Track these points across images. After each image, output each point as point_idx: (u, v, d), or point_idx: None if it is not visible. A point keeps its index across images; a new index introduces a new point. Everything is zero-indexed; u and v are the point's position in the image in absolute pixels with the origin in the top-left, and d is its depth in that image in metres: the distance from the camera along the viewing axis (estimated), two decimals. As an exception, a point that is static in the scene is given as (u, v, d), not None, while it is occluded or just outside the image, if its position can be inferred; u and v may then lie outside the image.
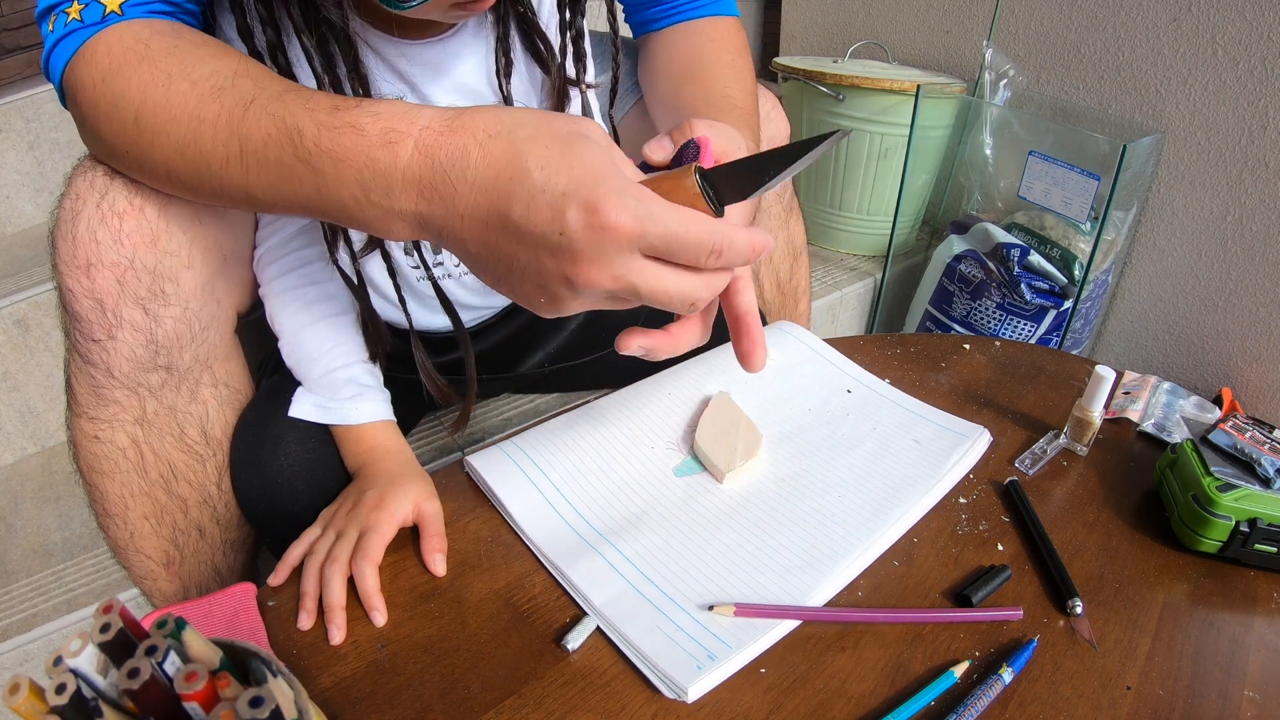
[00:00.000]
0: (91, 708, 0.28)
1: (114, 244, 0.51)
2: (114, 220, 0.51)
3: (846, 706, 0.43)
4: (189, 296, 0.56)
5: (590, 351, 0.85)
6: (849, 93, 1.29)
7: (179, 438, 0.60)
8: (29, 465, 1.04)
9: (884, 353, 0.72)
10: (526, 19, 0.61)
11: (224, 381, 0.62)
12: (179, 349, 0.57)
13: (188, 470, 0.61)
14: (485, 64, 0.62)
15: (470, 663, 0.46)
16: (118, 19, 0.49)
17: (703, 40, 0.71)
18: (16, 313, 0.99)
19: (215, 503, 0.64)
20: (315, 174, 0.43)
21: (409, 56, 0.58)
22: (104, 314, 0.53)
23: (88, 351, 0.54)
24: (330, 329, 0.62)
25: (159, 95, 0.46)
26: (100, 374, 0.55)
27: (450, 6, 0.49)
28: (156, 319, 0.54)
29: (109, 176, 0.52)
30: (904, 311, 1.42)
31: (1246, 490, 0.51)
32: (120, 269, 0.52)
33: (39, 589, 0.83)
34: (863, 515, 0.54)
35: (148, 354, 0.55)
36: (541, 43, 0.62)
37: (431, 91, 0.60)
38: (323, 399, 0.62)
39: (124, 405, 0.57)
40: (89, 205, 0.51)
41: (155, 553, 0.62)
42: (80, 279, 0.52)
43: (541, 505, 0.56)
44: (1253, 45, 1.05)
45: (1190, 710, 0.43)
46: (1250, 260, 1.13)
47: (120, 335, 0.54)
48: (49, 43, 0.50)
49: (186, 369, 0.58)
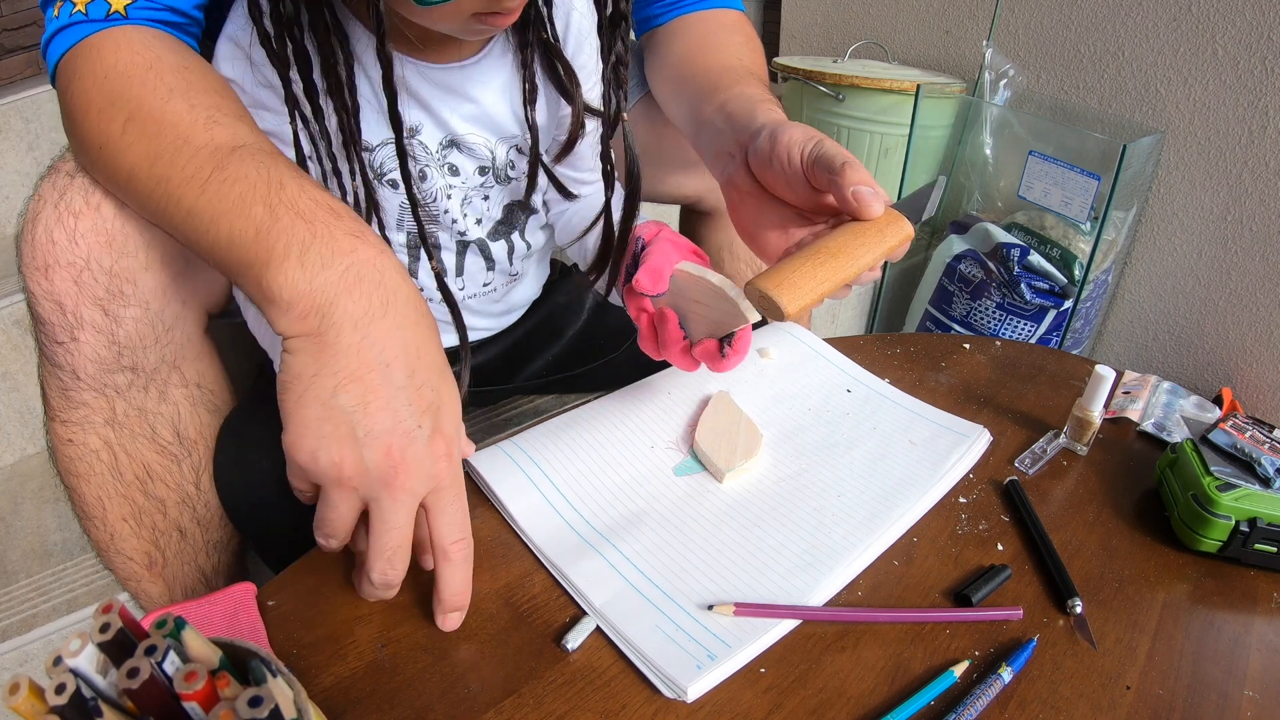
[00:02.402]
0: (91, 708, 0.28)
1: (69, 244, 0.51)
2: (70, 220, 0.51)
3: (846, 706, 0.43)
4: (149, 297, 0.55)
5: (588, 360, 0.85)
6: (849, 93, 1.29)
7: (151, 438, 0.60)
8: (29, 465, 1.04)
9: (884, 352, 0.72)
10: (550, 45, 0.60)
11: (195, 382, 0.61)
12: (143, 349, 0.56)
13: (163, 471, 0.61)
14: (508, 91, 0.61)
15: (470, 663, 0.46)
16: (122, 20, 0.49)
17: (713, 25, 0.71)
18: (16, 313, 0.99)
19: (194, 503, 0.63)
20: (270, 218, 0.44)
21: (428, 79, 0.58)
22: (64, 315, 0.53)
23: (53, 354, 0.54)
24: None
25: (155, 106, 0.47)
26: (67, 376, 0.55)
27: (470, 17, 0.49)
28: (116, 319, 0.54)
29: (69, 176, 0.52)
30: (904, 311, 1.42)
31: (1246, 490, 0.51)
32: (76, 269, 0.52)
33: (39, 589, 0.83)
34: (862, 515, 0.54)
35: (110, 355, 0.55)
36: (564, 70, 0.61)
37: (448, 117, 0.60)
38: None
39: (93, 407, 0.57)
40: (48, 206, 0.52)
41: (137, 554, 0.62)
42: (40, 280, 0.52)
43: (541, 505, 0.56)
44: (1253, 45, 1.05)
45: (1190, 710, 0.43)
46: (1250, 260, 1.13)
47: (82, 336, 0.54)
48: (51, 27, 0.51)
49: (154, 369, 0.58)
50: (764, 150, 0.52)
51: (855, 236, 0.48)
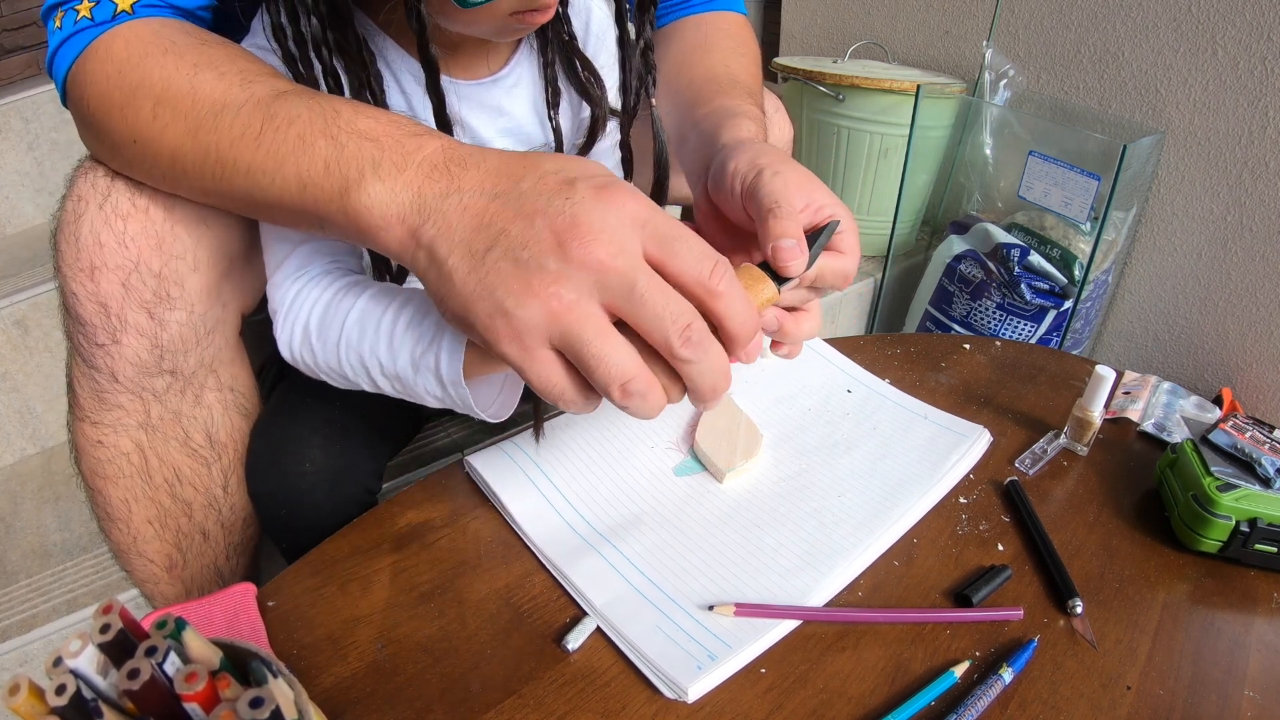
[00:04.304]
0: (91, 708, 0.28)
1: (118, 247, 0.51)
2: (118, 223, 0.51)
3: (846, 706, 0.43)
4: (194, 300, 0.55)
5: None
6: (849, 93, 1.29)
7: (184, 442, 0.60)
8: (29, 466, 1.04)
9: (884, 353, 0.72)
10: (572, 46, 0.59)
11: (229, 385, 0.61)
12: (184, 353, 0.56)
13: (192, 474, 0.61)
14: (535, 99, 0.61)
15: (470, 663, 0.46)
16: (129, 18, 0.48)
17: (709, 29, 0.71)
18: (16, 313, 0.99)
19: (221, 506, 0.63)
20: (334, 147, 0.42)
21: (463, 96, 0.58)
22: (108, 318, 0.52)
23: (91, 356, 0.54)
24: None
25: (183, 83, 0.46)
26: (104, 378, 0.54)
27: (508, 16, 0.48)
28: (162, 323, 0.54)
29: (111, 178, 0.51)
30: (904, 311, 1.42)
31: (1246, 490, 0.51)
32: (125, 273, 0.51)
33: (39, 590, 0.83)
34: (863, 515, 0.54)
35: (152, 358, 0.55)
36: (584, 69, 0.60)
37: (485, 132, 0.60)
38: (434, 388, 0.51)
39: (128, 410, 0.56)
40: (92, 207, 0.51)
41: (158, 556, 0.62)
42: (84, 283, 0.51)
43: (541, 505, 0.56)
44: (1253, 45, 1.05)
45: (1190, 710, 0.43)
46: (1250, 260, 1.13)
47: (125, 339, 0.53)
48: (55, 40, 0.50)
49: (191, 373, 0.58)
50: (716, 172, 0.50)
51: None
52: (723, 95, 0.61)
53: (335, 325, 0.49)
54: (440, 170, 0.41)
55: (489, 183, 0.40)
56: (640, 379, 0.37)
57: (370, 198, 0.41)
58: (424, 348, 0.46)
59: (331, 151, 0.42)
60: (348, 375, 0.50)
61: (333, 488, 0.61)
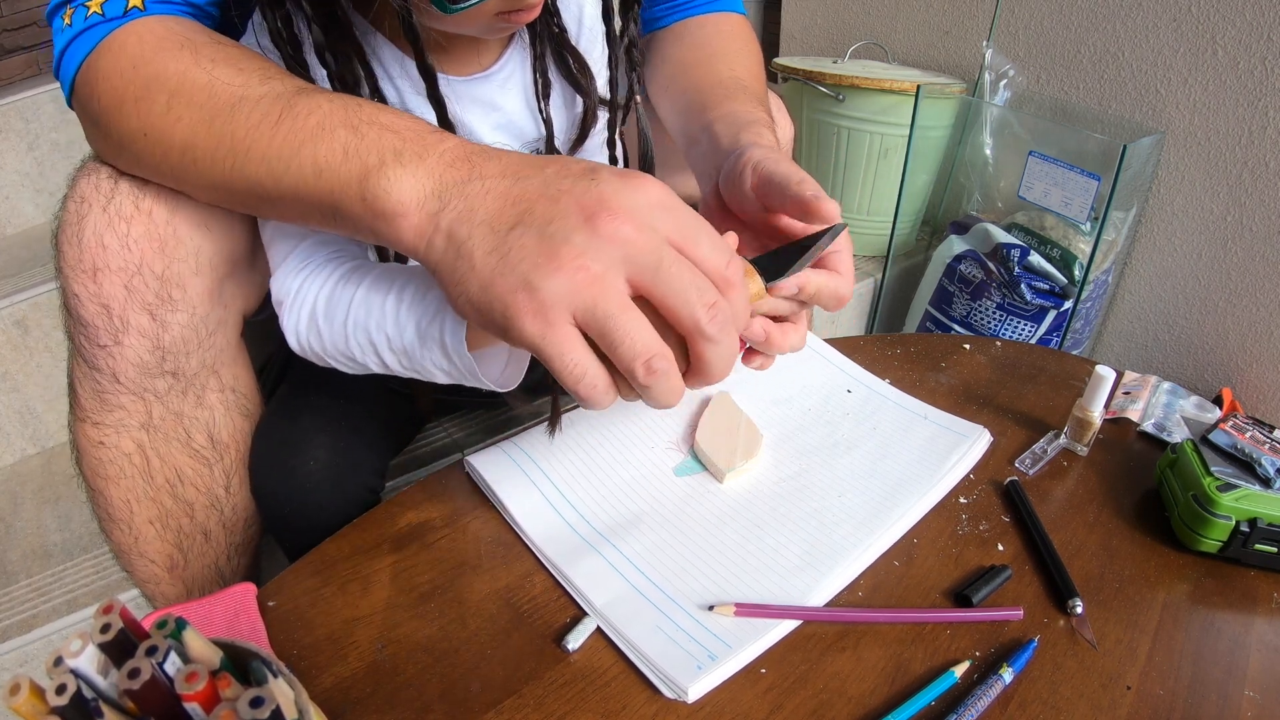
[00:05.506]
0: (92, 708, 0.28)
1: (121, 249, 0.51)
2: (121, 225, 0.51)
3: (846, 706, 0.43)
4: (196, 302, 0.55)
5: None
6: (849, 93, 1.29)
7: (185, 442, 0.60)
8: (29, 466, 1.04)
9: (884, 353, 0.72)
10: (562, 39, 0.59)
11: (230, 386, 0.61)
12: (186, 354, 0.56)
13: (194, 475, 0.61)
14: (527, 92, 0.61)
15: (470, 663, 0.46)
16: (141, 14, 0.48)
17: (710, 31, 0.71)
18: (16, 313, 0.99)
19: (222, 506, 0.63)
20: (354, 135, 0.42)
21: (457, 92, 0.58)
22: (110, 319, 0.52)
23: (93, 357, 0.54)
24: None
25: (201, 76, 0.45)
26: (105, 379, 0.54)
27: (494, 16, 0.48)
28: (164, 324, 0.54)
29: (114, 180, 0.51)
30: (904, 311, 1.42)
31: (1246, 490, 0.51)
32: (128, 274, 0.51)
33: (39, 590, 0.83)
34: (863, 515, 0.54)
35: (154, 359, 0.55)
36: (575, 62, 0.60)
37: (479, 128, 0.60)
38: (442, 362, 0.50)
39: (130, 410, 0.56)
40: (95, 209, 0.51)
41: (159, 556, 0.62)
42: (87, 284, 0.51)
43: (541, 505, 0.56)
44: (1253, 45, 1.05)
45: (1190, 710, 0.43)
46: (1250, 261, 1.13)
47: (127, 341, 0.53)
48: (64, 37, 0.49)
49: (193, 374, 0.58)
50: (729, 169, 0.51)
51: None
52: (732, 100, 0.61)
53: (342, 306, 0.49)
54: (462, 160, 0.41)
55: (512, 169, 0.40)
56: (664, 356, 0.36)
57: (390, 181, 0.40)
58: (429, 319, 0.46)
59: (352, 139, 0.42)
60: (355, 356, 0.50)
61: (336, 486, 0.61)
